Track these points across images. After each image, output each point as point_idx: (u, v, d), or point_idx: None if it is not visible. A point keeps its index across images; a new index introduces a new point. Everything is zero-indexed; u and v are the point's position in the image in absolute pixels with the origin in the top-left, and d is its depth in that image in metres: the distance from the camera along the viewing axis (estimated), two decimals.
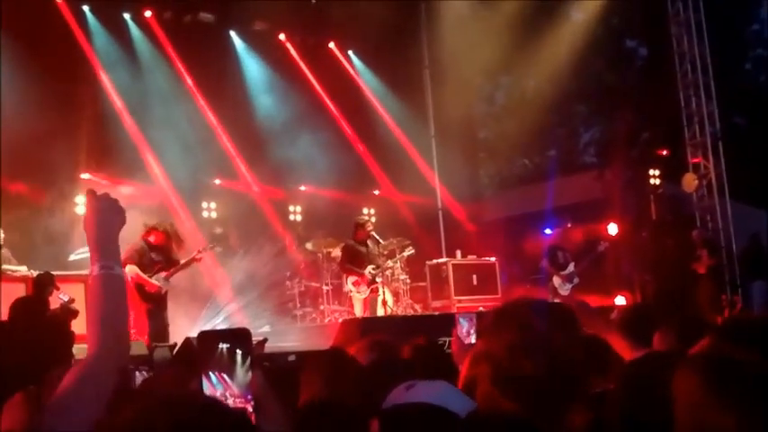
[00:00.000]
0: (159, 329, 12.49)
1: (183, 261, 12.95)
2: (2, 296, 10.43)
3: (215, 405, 1.83)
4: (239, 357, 3.63)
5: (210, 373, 3.53)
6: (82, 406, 2.23)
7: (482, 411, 2.33)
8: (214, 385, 3.51)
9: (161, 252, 12.71)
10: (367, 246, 15.06)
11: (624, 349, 4.17)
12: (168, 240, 12.82)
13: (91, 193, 2.62)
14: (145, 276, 12.30)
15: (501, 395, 2.42)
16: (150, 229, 12.65)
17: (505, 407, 2.40)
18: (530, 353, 2.40)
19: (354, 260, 14.86)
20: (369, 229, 15.13)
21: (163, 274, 12.58)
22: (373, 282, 14.79)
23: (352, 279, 14.84)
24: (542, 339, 2.43)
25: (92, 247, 2.51)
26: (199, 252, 13.25)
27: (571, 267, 15.70)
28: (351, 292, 14.88)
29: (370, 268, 14.76)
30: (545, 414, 2.38)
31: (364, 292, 14.77)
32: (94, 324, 2.38)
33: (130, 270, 11.99)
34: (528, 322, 2.46)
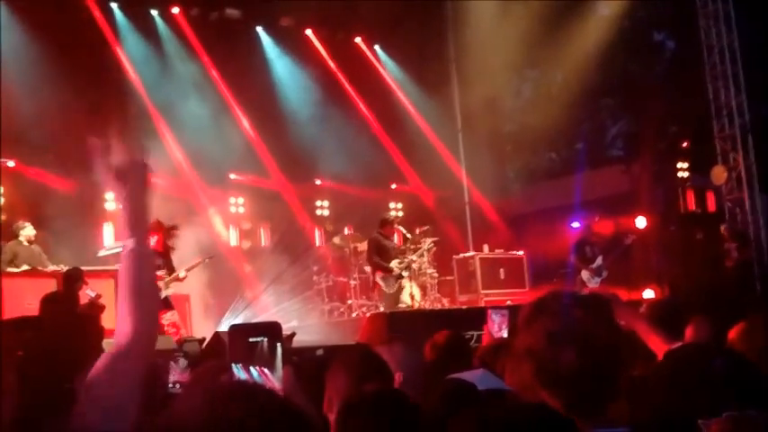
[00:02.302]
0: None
1: (175, 275, 12.88)
2: (33, 292, 10.53)
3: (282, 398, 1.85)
4: (278, 351, 3.67)
5: (251, 367, 3.55)
6: (115, 384, 2.22)
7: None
8: (255, 378, 3.53)
9: (160, 257, 12.61)
10: (393, 241, 15.11)
11: (655, 342, 4.15)
12: (166, 239, 12.76)
13: (142, 162, 2.53)
14: None
15: (542, 387, 2.43)
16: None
17: (546, 399, 2.40)
18: (570, 339, 2.40)
19: (381, 254, 14.89)
20: (395, 224, 15.17)
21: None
22: (400, 276, 14.82)
23: (380, 274, 14.87)
24: (581, 326, 2.42)
25: (130, 219, 2.45)
26: (184, 271, 13.03)
27: (599, 261, 15.63)
28: (381, 286, 14.90)
29: (395, 263, 14.80)
30: (586, 405, 2.38)
31: (392, 286, 14.79)
32: (130, 300, 2.34)
33: None
34: (565, 310, 2.45)
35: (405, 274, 14.89)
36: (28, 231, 13.53)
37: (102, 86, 16.27)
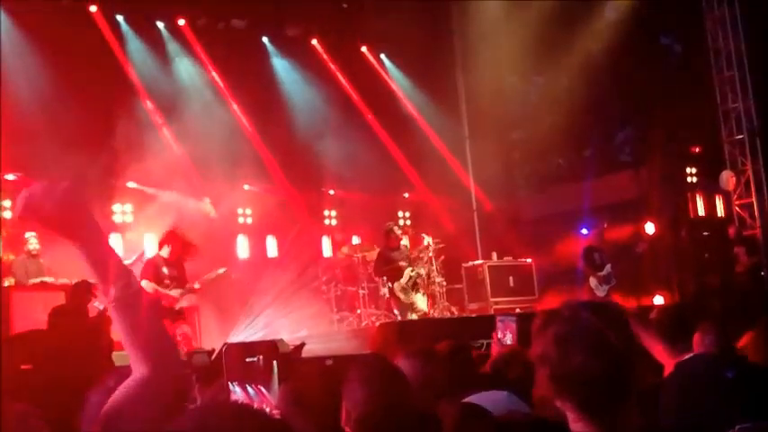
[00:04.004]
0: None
1: (189, 285, 12.78)
2: (43, 305, 10.52)
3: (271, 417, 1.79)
4: (275, 369, 3.63)
5: (248, 385, 3.54)
6: (135, 426, 2.13)
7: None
8: (251, 396, 3.51)
9: (173, 267, 12.58)
10: (399, 249, 15.12)
11: (661, 354, 4.11)
12: (180, 251, 12.67)
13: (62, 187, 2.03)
14: (161, 290, 12.12)
15: (556, 394, 2.41)
16: (162, 242, 12.57)
17: (559, 405, 2.39)
18: (579, 341, 2.39)
19: (389, 266, 14.89)
20: (398, 233, 15.15)
21: (177, 291, 12.44)
22: (414, 283, 14.83)
23: (397, 284, 14.84)
24: (590, 328, 2.41)
25: (91, 265, 2.12)
26: (197, 284, 12.89)
27: (608, 268, 15.61)
28: (400, 297, 14.86)
29: (408, 270, 14.80)
30: (599, 410, 2.36)
31: (410, 295, 14.79)
32: (135, 351, 2.17)
33: (147, 286, 11.81)
34: (575, 314, 2.45)
35: (419, 281, 14.91)
36: (31, 246, 13.56)
37: (108, 99, 16.26)
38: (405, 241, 15.74)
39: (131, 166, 15.80)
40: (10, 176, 15.09)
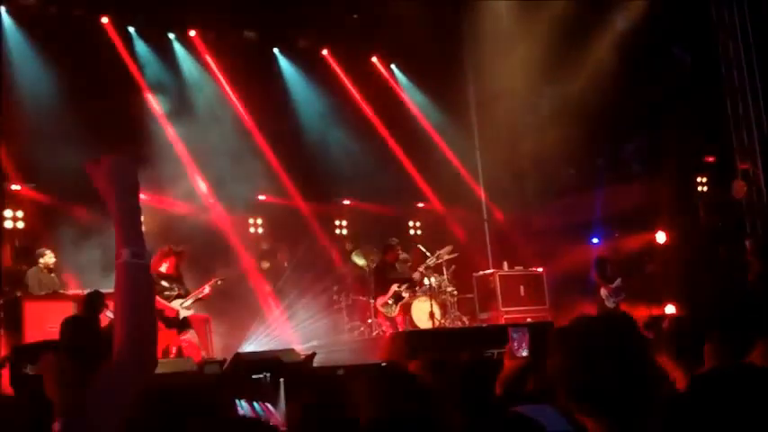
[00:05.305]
0: None
1: (194, 294, 12.80)
2: (55, 315, 10.55)
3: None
4: (282, 386, 3.62)
5: (255, 402, 3.52)
6: (100, 408, 2.02)
7: None
8: (258, 413, 3.49)
9: (174, 281, 12.61)
10: (395, 266, 15.19)
11: (671, 366, 4.09)
12: (179, 264, 12.74)
13: (126, 159, 2.29)
14: (163, 301, 12.15)
15: (577, 410, 2.43)
16: (159, 260, 12.56)
17: (584, 421, 2.41)
18: (597, 355, 2.42)
19: (380, 281, 14.98)
20: (398, 251, 15.23)
21: (179, 301, 12.48)
22: (400, 298, 14.86)
23: (379, 300, 14.95)
24: (606, 344, 2.44)
25: (122, 224, 2.21)
26: (208, 287, 12.92)
27: (618, 282, 15.61)
28: (382, 311, 14.96)
29: (394, 286, 14.86)
30: (618, 421, 2.37)
31: (393, 310, 14.85)
32: (123, 316, 2.13)
33: None
34: (589, 330, 2.46)
35: (405, 295, 14.93)
36: (48, 259, 13.59)
37: (118, 110, 16.29)
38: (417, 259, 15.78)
39: (142, 177, 15.80)
40: (16, 187, 15.16)
